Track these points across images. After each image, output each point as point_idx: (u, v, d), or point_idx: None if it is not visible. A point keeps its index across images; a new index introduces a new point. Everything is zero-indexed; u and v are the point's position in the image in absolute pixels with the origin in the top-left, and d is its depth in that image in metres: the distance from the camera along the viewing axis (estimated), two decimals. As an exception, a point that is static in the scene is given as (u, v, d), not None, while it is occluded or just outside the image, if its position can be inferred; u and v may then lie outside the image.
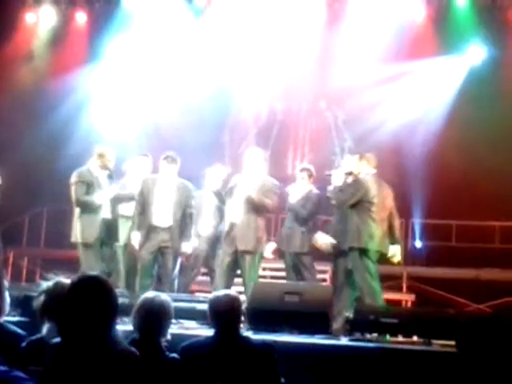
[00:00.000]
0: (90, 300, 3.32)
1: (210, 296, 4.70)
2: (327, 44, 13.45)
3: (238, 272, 8.15)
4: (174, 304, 4.49)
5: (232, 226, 8.11)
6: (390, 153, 13.16)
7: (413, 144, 12.57)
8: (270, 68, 13.62)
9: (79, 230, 8.56)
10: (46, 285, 4.60)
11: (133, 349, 3.43)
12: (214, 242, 8.79)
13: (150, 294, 4.36)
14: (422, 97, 13.26)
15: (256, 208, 8.09)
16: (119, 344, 3.41)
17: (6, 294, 4.66)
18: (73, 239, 8.61)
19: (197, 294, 8.60)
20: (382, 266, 11.91)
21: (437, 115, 12.77)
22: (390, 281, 11.80)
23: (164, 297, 4.37)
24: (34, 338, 4.38)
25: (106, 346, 3.31)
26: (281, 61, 13.60)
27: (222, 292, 4.63)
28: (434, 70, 13.26)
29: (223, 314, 4.31)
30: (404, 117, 12.91)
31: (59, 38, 13.99)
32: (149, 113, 13.13)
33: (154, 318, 4.16)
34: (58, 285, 4.55)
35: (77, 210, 8.64)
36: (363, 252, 8.04)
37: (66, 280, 4.75)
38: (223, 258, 8.13)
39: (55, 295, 4.45)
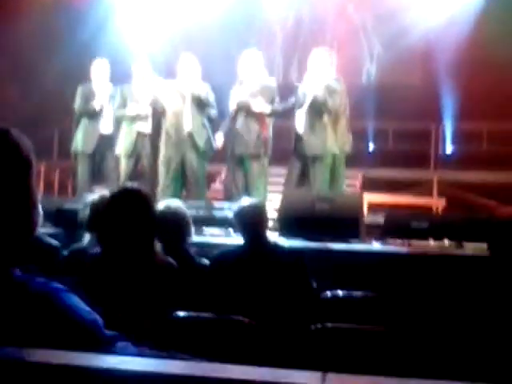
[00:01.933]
0: (129, 211, 3.35)
1: (236, 206, 4.69)
2: None
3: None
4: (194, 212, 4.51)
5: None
6: (419, 57, 12.96)
7: (443, 47, 12.28)
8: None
9: (79, 139, 8.69)
10: (90, 198, 4.64)
11: (169, 258, 3.46)
12: None
13: (160, 205, 4.33)
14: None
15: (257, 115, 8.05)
16: (157, 254, 3.45)
17: (39, 207, 4.71)
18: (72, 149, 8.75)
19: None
20: (411, 170, 11.98)
21: (467, 17, 12.42)
22: (419, 186, 11.77)
23: (175, 204, 4.35)
24: (75, 248, 4.45)
25: (145, 255, 3.35)
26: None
27: (246, 201, 4.62)
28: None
29: (249, 223, 4.33)
30: (433, 19, 12.58)
31: None
32: (175, 21, 12.92)
33: (171, 229, 4.16)
34: (102, 198, 4.59)
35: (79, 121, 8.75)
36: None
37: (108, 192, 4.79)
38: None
39: (100, 208, 4.48)
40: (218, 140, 8.30)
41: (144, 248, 3.35)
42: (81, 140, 8.77)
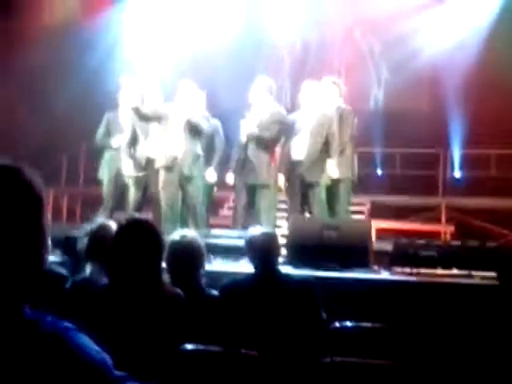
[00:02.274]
0: (138, 243, 3.35)
1: (248, 234, 4.69)
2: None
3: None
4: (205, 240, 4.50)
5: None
6: (427, 82, 12.99)
7: (451, 72, 12.31)
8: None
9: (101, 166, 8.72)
10: (89, 227, 4.65)
11: (177, 289, 3.45)
12: None
13: (176, 235, 4.32)
14: (459, 22, 12.93)
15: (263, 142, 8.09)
16: (164, 285, 3.45)
17: (49, 243, 4.70)
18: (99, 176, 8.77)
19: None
20: (419, 196, 11.96)
21: (475, 40, 12.46)
22: (427, 211, 11.74)
23: (191, 235, 4.33)
24: (78, 278, 4.45)
25: (153, 287, 3.34)
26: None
27: (258, 230, 4.62)
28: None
29: (261, 251, 4.32)
30: (441, 44, 12.63)
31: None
32: (183, 47, 12.99)
33: (184, 259, 4.14)
34: (101, 226, 4.60)
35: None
36: None
37: (110, 222, 4.80)
38: (292, 196, 8.17)
39: (99, 237, 4.50)
40: (229, 177, 8.31)
41: (152, 279, 3.35)
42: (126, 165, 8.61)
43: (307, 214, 8.04)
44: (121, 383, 1.59)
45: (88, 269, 4.49)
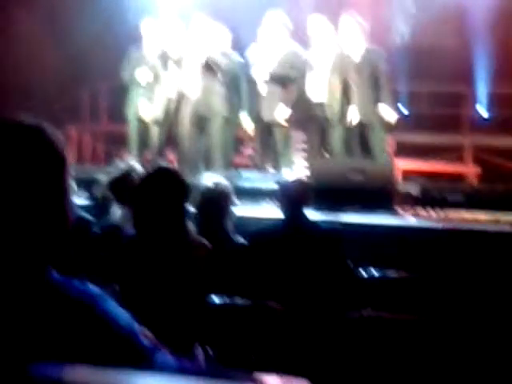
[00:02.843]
0: (163, 191, 3.31)
1: (280, 180, 4.67)
2: None
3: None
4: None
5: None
6: (453, 17, 12.68)
7: (478, 7, 11.99)
8: None
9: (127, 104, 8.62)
10: (115, 169, 4.60)
11: (203, 239, 3.42)
12: None
13: (208, 181, 4.26)
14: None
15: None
16: (191, 234, 3.42)
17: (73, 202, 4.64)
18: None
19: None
20: (445, 135, 11.78)
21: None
22: (453, 151, 11.57)
23: (224, 183, 4.27)
24: (105, 223, 4.42)
25: (179, 236, 3.32)
26: None
27: (291, 177, 4.59)
28: None
29: (293, 200, 4.27)
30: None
31: None
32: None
33: (215, 210, 4.10)
34: (128, 170, 4.55)
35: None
36: None
37: (135, 164, 4.75)
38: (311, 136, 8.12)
39: (126, 181, 4.45)
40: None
41: (177, 229, 3.31)
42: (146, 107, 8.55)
43: (326, 155, 8.00)
44: (148, 353, 1.56)
45: (116, 214, 4.45)
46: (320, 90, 7.94)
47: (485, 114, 12.42)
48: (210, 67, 8.06)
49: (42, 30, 11.30)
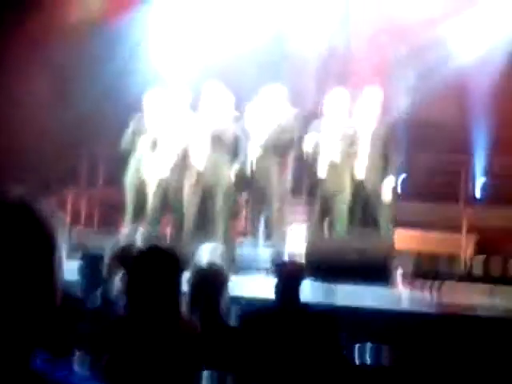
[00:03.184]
0: (157, 274, 3.28)
1: (276, 262, 4.64)
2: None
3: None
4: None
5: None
6: (454, 90, 12.84)
7: (478, 81, 12.16)
8: (329, 1, 13.26)
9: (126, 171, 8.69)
10: (113, 244, 4.58)
11: (194, 321, 3.40)
12: None
13: (202, 262, 4.23)
14: (488, 30, 12.76)
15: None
16: (182, 317, 3.40)
17: (62, 285, 4.62)
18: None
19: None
20: (441, 206, 11.81)
21: (504, 50, 12.29)
22: (448, 220, 11.58)
23: (218, 264, 4.23)
24: (92, 306, 4.39)
25: (171, 319, 3.29)
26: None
27: (287, 260, 4.58)
28: (500, 4, 12.73)
29: (286, 283, 4.24)
30: (470, 52, 12.47)
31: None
32: (208, 50, 12.93)
33: (210, 290, 4.06)
34: (127, 246, 4.53)
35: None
36: None
37: (135, 239, 4.73)
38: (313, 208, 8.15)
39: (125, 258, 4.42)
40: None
41: (170, 312, 3.30)
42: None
43: (326, 226, 8.00)
44: None
45: (116, 285, 4.40)
46: (332, 162, 7.99)
47: (482, 186, 12.48)
48: (218, 138, 8.12)
49: (43, 94, 11.41)
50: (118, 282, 4.41)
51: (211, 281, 4.02)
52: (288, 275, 4.27)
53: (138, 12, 13.05)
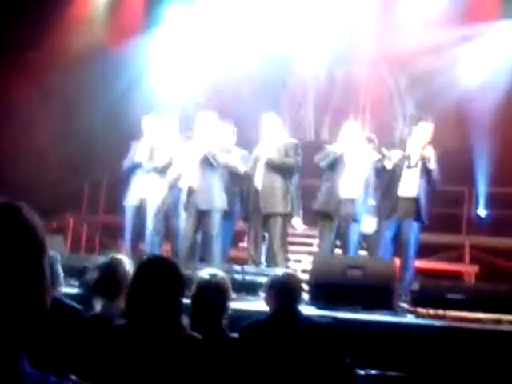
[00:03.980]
0: (159, 283, 3.23)
1: (270, 276, 4.59)
2: (388, 6, 13.10)
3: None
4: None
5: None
6: (453, 120, 12.84)
7: (477, 110, 12.17)
8: (329, 31, 13.32)
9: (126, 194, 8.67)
10: (100, 260, 4.54)
11: (195, 334, 3.33)
12: None
13: (204, 274, 4.20)
14: (487, 60, 12.80)
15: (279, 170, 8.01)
16: (183, 329, 3.33)
17: (59, 267, 4.59)
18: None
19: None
20: (443, 234, 11.75)
21: (504, 80, 12.31)
22: (451, 251, 11.53)
23: (220, 276, 4.20)
24: (89, 315, 4.32)
25: (172, 330, 3.22)
26: (340, 24, 13.28)
27: (281, 271, 4.53)
28: (499, 34, 12.79)
29: (283, 293, 4.19)
30: (469, 82, 12.50)
31: (117, 3, 13.89)
32: (208, 78, 12.97)
33: (211, 302, 4.01)
34: (112, 261, 4.48)
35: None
36: None
37: (122, 256, 4.68)
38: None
39: (109, 272, 4.39)
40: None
41: (170, 322, 3.22)
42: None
43: (337, 251, 8.02)
44: None
45: (98, 305, 4.36)
46: (352, 187, 8.04)
47: (484, 214, 12.44)
48: (209, 162, 8.15)
49: (46, 124, 11.42)
50: (98, 300, 4.36)
51: (213, 291, 3.97)
52: (283, 285, 4.22)
53: (140, 40, 13.11)
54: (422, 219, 8.14)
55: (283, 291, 4.21)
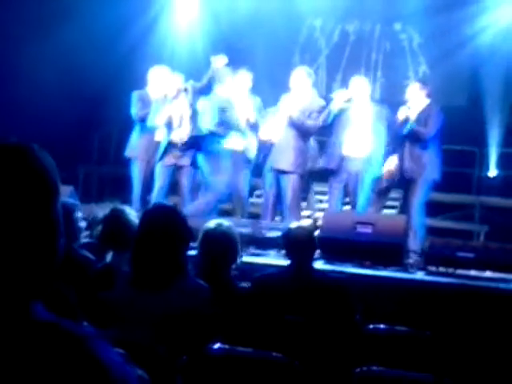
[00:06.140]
0: (164, 231, 3.21)
1: (285, 228, 4.57)
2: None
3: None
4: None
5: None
6: (466, 78, 12.71)
7: (491, 69, 12.02)
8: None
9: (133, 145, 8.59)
10: (102, 213, 4.53)
11: (202, 282, 3.31)
12: None
13: (211, 223, 4.18)
14: (500, 16, 12.58)
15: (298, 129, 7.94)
16: (189, 277, 3.31)
17: (79, 218, 4.62)
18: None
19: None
20: (452, 194, 11.70)
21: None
22: (461, 210, 11.50)
23: (226, 224, 4.18)
24: (100, 265, 4.33)
25: (178, 277, 3.20)
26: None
27: (296, 224, 4.50)
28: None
29: (299, 247, 4.17)
30: (481, 39, 12.32)
31: None
32: (218, 28, 12.80)
33: (217, 250, 3.98)
34: (113, 213, 4.48)
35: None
36: None
37: (124, 207, 4.68)
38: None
39: (111, 224, 4.40)
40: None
41: (176, 269, 3.20)
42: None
43: (347, 207, 7.98)
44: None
45: (109, 255, 4.39)
46: (357, 144, 7.95)
47: (493, 174, 12.36)
48: (224, 112, 8.10)
49: (53, 76, 11.32)
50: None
51: (218, 239, 3.95)
52: (297, 239, 4.19)
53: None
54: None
55: (297, 244, 4.20)
